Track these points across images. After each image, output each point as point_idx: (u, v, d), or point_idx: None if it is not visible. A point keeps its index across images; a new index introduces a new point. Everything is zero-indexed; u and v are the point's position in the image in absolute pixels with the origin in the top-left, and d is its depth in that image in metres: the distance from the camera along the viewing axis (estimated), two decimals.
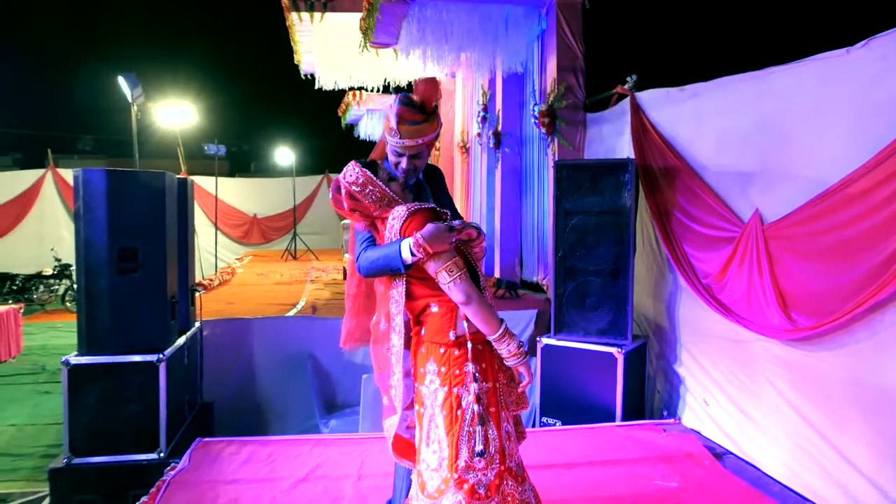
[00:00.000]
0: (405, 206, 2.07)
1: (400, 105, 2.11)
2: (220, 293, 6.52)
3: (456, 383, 1.98)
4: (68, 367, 3.43)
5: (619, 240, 3.92)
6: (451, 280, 1.96)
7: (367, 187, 2.07)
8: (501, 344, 2.01)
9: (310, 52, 7.63)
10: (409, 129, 2.11)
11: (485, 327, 1.99)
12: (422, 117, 2.12)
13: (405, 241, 2.00)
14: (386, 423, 2.24)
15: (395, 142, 2.15)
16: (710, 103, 3.75)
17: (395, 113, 2.11)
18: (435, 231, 1.96)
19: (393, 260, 2.05)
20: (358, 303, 2.77)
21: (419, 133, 2.13)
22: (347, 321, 2.84)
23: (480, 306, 1.98)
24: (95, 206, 3.38)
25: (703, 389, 3.85)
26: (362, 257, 2.21)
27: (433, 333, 2.05)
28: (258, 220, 13.62)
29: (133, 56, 28.09)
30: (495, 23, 5.37)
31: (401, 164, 2.22)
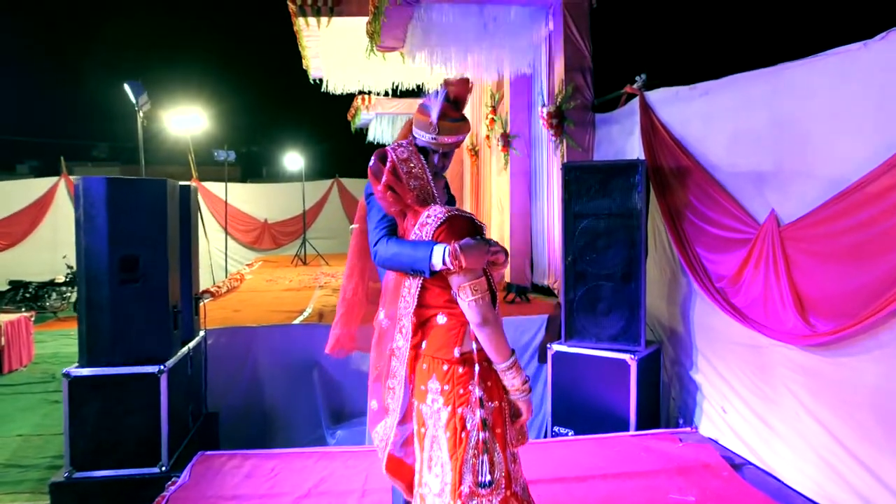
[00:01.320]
0: (444, 209, 1.95)
1: (445, 101, 2.07)
2: (228, 300, 6.47)
3: (460, 403, 1.86)
4: (69, 378, 3.38)
5: (630, 243, 3.81)
6: (472, 299, 1.85)
7: (414, 170, 1.99)
8: (508, 375, 1.91)
9: (317, 56, 7.60)
10: (450, 125, 2.08)
11: (495, 354, 1.89)
12: (461, 115, 2.12)
13: (439, 246, 1.87)
14: (376, 432, 2.10)
15: (431, 138, 2.10)
16: (722, 101, 3.63)
17: (439, 108, 2.06)
18: (475, 246, 1.86)
19: (420, 262, 1.93)
20: (354, 309, 2.68)
21: (458, 131, 2.12)
22: (337, 326, 2.74)
23: (495, 331, 1.88)
24: (96, 215, 3.34)
25: (720, 397, 3.73)
26: (384, 247, 2.08)
27: (436, 348, 1.93)
28: (269, 225, 13.60)
29: (145, 63, 28.38)
30: (501, 24, 5.29)
31: (433, 159, 2.17)
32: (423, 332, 1.98)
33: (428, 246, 1.90)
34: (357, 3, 6.13)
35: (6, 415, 6.16)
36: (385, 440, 2.06)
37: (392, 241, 2.05)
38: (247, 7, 29.95)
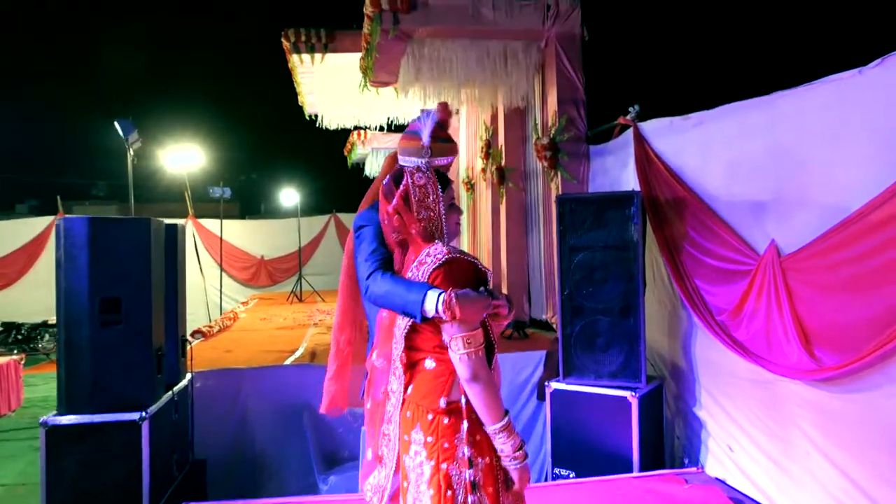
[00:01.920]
0: (446, 249, 1.81)
1: (434, 124, 2.05)
2: (220, 340, 6.34)
3: (445, 458, 1.70)
4: (46, 428, 3.24)
5: (628, 276, 3.71)
6: (464, 352, 1.70)
7: (427, 200, 1.86)
8: (499, 438, 1.72)
9: (312, 93, 7.64)
10: (442, 146, 2.05)
11: (485, 414, 1.72)
12: (449, 136, 2.09)
13: (434, 292, 1.73)
14: (368, 483, 1.95)
15: (424, 162, 2.03)
16: (717, 131, 3.58)
17: (430, 129, 2.03)
18: (473, 299, 1.72)
19: (411, 306, 1.79)
20: (348, 362, 2.55)
21: (450, 151, 2.09)
22: (332, 383, 2.60)
23: (486, 390, 1.71)
24: (76, 255, 3.24)
25: (726, 435, 3.58)
26: (376, 283, 1.94)
27: (422, 395, 1.79)
28: (265, 261, 13.51)
29: (144, 102, 28.73)
30: (493, 58, 5.31)
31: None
32: (410, 376, 1.84)
33: (422, 289, 1.76)
34: (350, 40, 6.17)
35: None
36: (380, 493, 1.89)
37: (386, 277, 1.91)
38: (244, 45, 30.52)
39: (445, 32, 5.01)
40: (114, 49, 31.49)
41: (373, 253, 2.02)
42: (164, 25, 34.49)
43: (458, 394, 1.75)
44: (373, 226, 2.12)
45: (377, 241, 2.06)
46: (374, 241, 2.05)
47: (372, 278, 1.95)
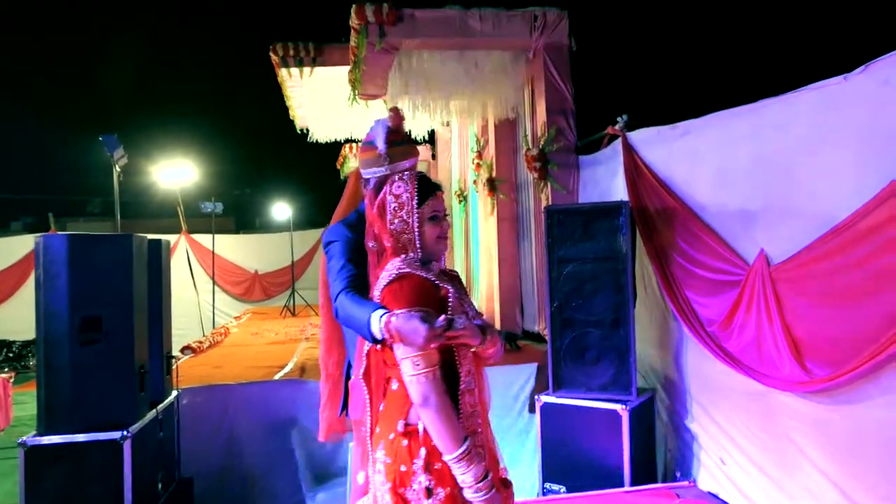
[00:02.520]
0: (401, 264, 1.72)
1: (385, 130, 2.05)
2: (209, 356, 6.27)
3: (402, 483, 1.62)
4: (25, 448, 3.17)
5: (617, 287, 3.67)
6: (413, 374, 1.60)
7: (403, 210, 1.75)
8: (457, 467, 1.58)
9: (301, 107, 7.61)
10: (400, 149, 2.04)
11: (439, 441, 1.59)
12: (405, 137, 2.09)
13: (377, 313, 1.65)
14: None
15: (384, 170, 2.05)
16: (704, 140, 3.55)
17: (384, 135, 2.04)
18: (413, 321, 1.58)
19: (364, 329, 1.73)
20: (340, 385, 2.51)
21: (409, 153, 2.07)
22: (326, 409, 2.56)
23: (439, 415, 1.58)
24: (56, 274, 3.19)
25: (718, 447, 3.53)
26: (341, 303, 1.89)
27: (386, 415, 1.73)
28: (259, 276, 13.45)
29: (136, 118, 28.76)
30: (482, 69, 5.29)
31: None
32: (382, 394, 1.79)
33: (370, 310, 1.69)
34: (339, 53, 6.15)
35: None
36: None
37: (348, 297, 1.85)
38: (235, 59, 30.63)
39: (433, 44, 5.00)
40: (106, 65, 31.63)
41: (340, 270, 1.97)
42: (157, 41, 34.71)
43: (417, 417, 1.65)
44: (341, 241, 2.08)
45: (345, 256, 2.02)
46: (342, 258, 2.00)
47: (338, 299, 1.90)
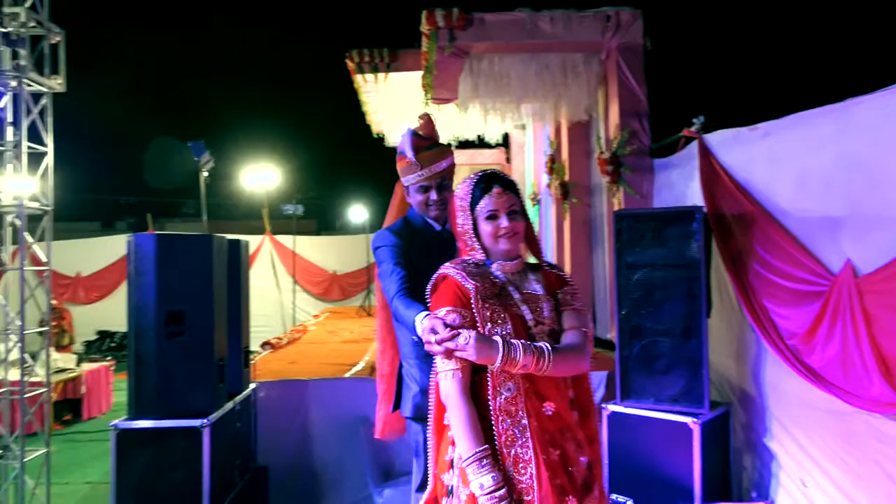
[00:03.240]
0: (449, 264, 1.79)
1: (411, 137, 2.18)
2: (287, 352, 6.52)
3: (440, 471, 1.68)
4: (116, 431, 3.43)
5: (690, 295, 3.54)
6: (438, 372, 1.68)
7: (464, 210, 1.82)
8: (468, 471, 1.60)
9: (377, 111, 7.81)
10: (428, 154, 2.15)
11: (456, 441, 1.66)
12: (433, 142, 2.20)
13: (420, 315, 1.78)
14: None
15: (418, 175, 2.17)
16: (786, 142, 3.37)
17: (410, 144, 2.16)
18: (424, 328, 1.69)
19: (413, 330, 1.83)
20: (393, 385, 2.57)
21: (438, 156, 2.18)
22: (381, 407, 2.62)
23: (455, 416, 1.63)
24: (145, 270, 3.43)
25: (799, 468, 3.33)
26: (396, 304, 1.99)
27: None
28: (337, 276, 13.85)
29: (227, 123, 30.36)
30: (553, 71, 5.25)
31: (431, 196, 2.20)
32: None
33: (415, 312, 1.79)
34: (413, 58, 6.27)
35: (79, 462, 6.38)
36: None
37: (400, 301, 1.94)
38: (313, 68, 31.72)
39: (503, 47, 5.00)
40: (200, 78, 33.64)
41: (391, 275, 2.05)
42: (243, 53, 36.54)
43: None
44: (386, 246, 2.16)
45: (393, 261, 2.10)
46: (390, 262, 2.08)
47: (393, 303, 1.99)
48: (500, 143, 9.38)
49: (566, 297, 1.85)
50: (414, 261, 2.15)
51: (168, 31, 35.40)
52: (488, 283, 1.78)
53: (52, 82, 4.13)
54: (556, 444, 1.69)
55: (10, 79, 3.86)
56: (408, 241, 2.18)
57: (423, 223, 2.32)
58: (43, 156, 4.25)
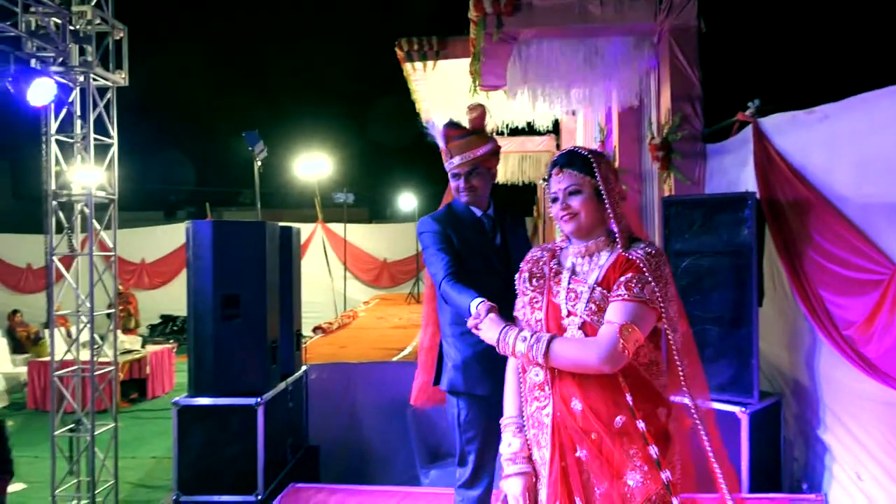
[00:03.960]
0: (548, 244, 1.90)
1: (444, 128, 2.25)
2: (337, 336, 6.71)
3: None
4: (178, 407, 3.62)
5: (739, 283, 3.46)
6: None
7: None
8: (503, 433, 1.77)
9: (426, 99, 7.85)
10: (457, 143, 2.21)
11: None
12: (466, 132, 2.23)
13: (475, 301, 1.94)
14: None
15: (449, 163, 2.24)
16: (846, 125, 3.24)
17: (441, 135, 2.23)
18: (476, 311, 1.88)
19: (465, 313, 2.00)
20: (433, 357, 2.66)
21: (468, 146, 2.21)
22: (419, 375, 2.71)
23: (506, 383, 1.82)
24: (202, 255, 3.60)
25: (854, 461, 3.23)
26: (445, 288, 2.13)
27: None
28: (387, 264, 14.06)
29: (279, 113, 31.03)
30: (603, 56, 5.15)
31: (459, 184, 2.28)
32: None
33: (469, 298, 1.97)
34: (461, 45, 6.27)
35: (144, 438, 6.76)
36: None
37: (450, 286, 2.10)
38: (364, 56, 32.12)
39: (551, 33, 4.94)
40: (250, 66, 34.48)
41: (437, 260, 2.18)
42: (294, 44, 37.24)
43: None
44: (428, 232, 2.29)
45: (436, 246, 2.21)
46: (433, 247, 2.21)
47: (442, 287, 2.13)
48: (549, 130, 9.29)
49: (618, 287, 1.67)
50: (455, 244, 2.25)
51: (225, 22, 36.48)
52: (554, 266, 1.79)
53: (117, 76, 4.35)
54: (576, 445, 1.63)
55: (78, 74, 4.09)
56: (449, 227, 2.26)
57: (464, 209, 2.38)
58: (108, 147, 4.49)
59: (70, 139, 4.32)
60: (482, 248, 2.33)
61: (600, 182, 1.73)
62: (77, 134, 4.30)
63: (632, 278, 1.66)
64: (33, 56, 3.84)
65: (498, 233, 2.38)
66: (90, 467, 4.44)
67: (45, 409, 7.74)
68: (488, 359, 2.16)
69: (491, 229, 2.37)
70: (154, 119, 23.66)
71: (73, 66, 4.04)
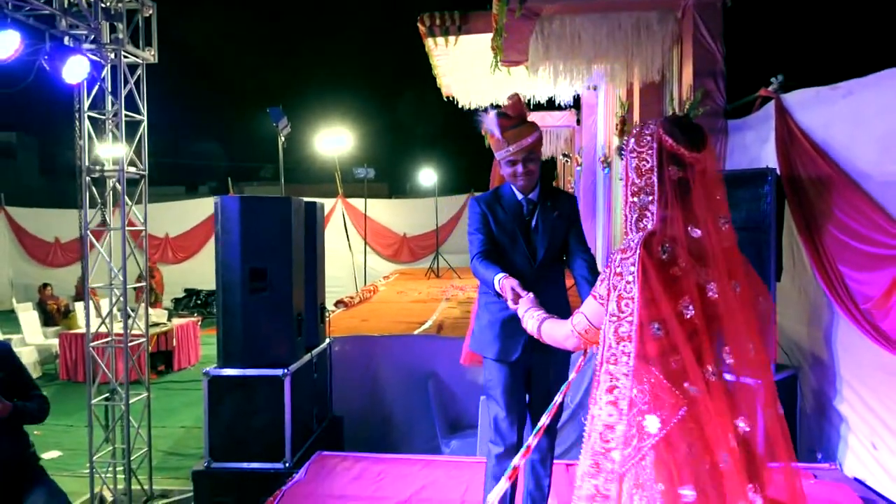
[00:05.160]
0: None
1: (497, 118, 2.37)
2: (359, 310, 6.84)
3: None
4: (208, 378, 3.76)
5: (758, 259, 3.49)
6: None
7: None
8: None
9: (447, 75, 7.84)
10: (513, 132, 2.36)
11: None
12: (516, 120, 2.38)
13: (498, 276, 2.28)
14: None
15: (506, 151, 2.39)
16: (870, 101, 3.23)
17: (496, 124, 2.35)
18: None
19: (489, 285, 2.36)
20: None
21: (522, 134, 2.36)
22: (468, 339, 2.88)
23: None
24: (230, 230, 3.70)
25: (870, 431, 3.28)
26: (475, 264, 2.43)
27: None
28: (407, 239, 14.16)
29: (300, 88, 30.99)
30: (626, 31, 5.13)
31: (517, 170, 2.42)
32: None
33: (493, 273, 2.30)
34: (483, 21, 6.25)
35: (173, 408, 6.98)
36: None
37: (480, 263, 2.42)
38: (385, 31, 31.86)
39: (574, 8, 4.93)
40: (272, 41, 34.39)
41: (473, 240, 2.48)
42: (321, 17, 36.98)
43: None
44: (472, 213, 2.54)
45: (474, 226, 2.51)
46: (472, 227, 2.51)
47: (472, 263, 2.48)
48: (570, 105, 9.23)
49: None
50: (492, 225, 2.51)
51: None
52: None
53: (147, 54, 4.44)
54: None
55: (109, 51, 4.18)
56: (489, 209, 2.52)
57: (509, 193, 2.56)
58: (138, 124, 4.59)
59: (101, 116, 4.42)
60: (513, 229, 2.51)
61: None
62: (108, 111, 4.41)
63: (603, 275, 1.69)
64: (66, 34, 3.92)
65: (536, 216, 2.49)
66: (125, 435, 4.62)
67: (77, 380, 8.04)
68: (502, 327, 2.48)
69: (529, 212, 2.50)
70: (176, 93, 23.79)
71: (105, 44, 4.13)
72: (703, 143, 1.66)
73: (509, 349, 2.46)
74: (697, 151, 1.64)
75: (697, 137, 1.65)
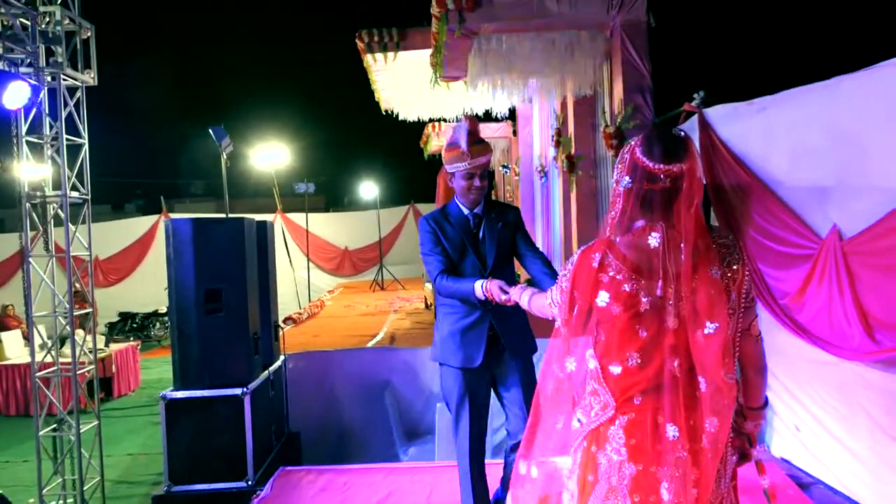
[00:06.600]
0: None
1: (467, 133, 2.52)
2: (308, 326, 6.85)
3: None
4: (165, 401, 3.74)
5: None
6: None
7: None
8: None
9: (386, 89, 7.97)
10: (478, 148, 2.53)
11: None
12: (479, 138, 2.56)
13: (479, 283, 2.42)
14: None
15: (466, 164, 2.53)
16: (780, 116, 3.58)
17: (466, 137, 2.50)
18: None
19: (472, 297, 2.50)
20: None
21: (483, 151, 2.54)
22: None
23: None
24: (183, 252, 3.71)
25: (792, 415, 3.62)
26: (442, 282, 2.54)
27: None
28: (349, 252, 14.16)
29: (234, 103, 30.38)
30: (560, 49, 5.41)
31: (473, 183, 2.58)
32: None
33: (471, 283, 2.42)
34: (421, 37, 6.43)
35: (116, 436, 6.76)
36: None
37: (447, 280, 2.53)
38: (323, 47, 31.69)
39: (510, 28, 5.16)
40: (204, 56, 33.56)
41: (431, 260, 2.58)
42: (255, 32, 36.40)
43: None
44: (423, 231, 2.67)
45: (428, 245, 2.63)
46: (426, 245, 2.62)
47: (437, 282, 2.57)
48: (506, 117, 9.53)
49: None
50: (445, 240, 2.64)
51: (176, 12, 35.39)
52: None
53: (86, 76, 4.36)
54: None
55: (48, 75, 4.09)
56: (438, 226, 2.67)
57: (456, 208, 2.72)
58: (78, 147, 4.50)
59: (40, 140, 4.32)
60: (462, 242, 2.67)
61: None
62: (47, 135, 4.31)
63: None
64: (2, 58, 3.83)
65: (483, 227, 2.64)
66: (77, 465, 4.49)
67: (8, 414, 7.66)
68: (462, 336, 2.63)
69: (475, 225, 2.65)
70: (99, 111, 22.85)
71: (43, 67, 4.04)
72: (681, 156, 1.65)
73: (472, 356, 2.61)
74: (673, 163, 1.64)
75: (673, 150, 1.65)
